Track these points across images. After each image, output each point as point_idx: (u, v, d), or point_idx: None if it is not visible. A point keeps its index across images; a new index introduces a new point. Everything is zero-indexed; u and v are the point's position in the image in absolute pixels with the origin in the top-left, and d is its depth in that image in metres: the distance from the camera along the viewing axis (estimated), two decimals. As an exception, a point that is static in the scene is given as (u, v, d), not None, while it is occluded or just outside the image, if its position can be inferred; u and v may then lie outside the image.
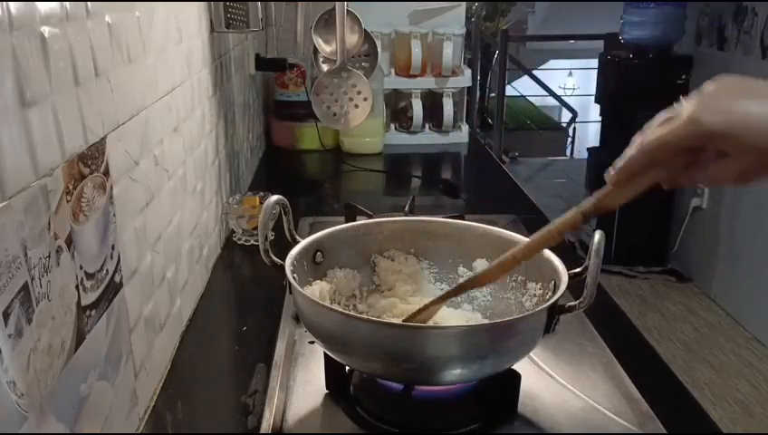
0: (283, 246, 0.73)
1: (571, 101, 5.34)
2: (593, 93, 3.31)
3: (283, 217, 0.74)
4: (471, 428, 0.68)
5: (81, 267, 0.53)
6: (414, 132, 1.92)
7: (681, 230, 3.05)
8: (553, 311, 0.64)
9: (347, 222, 1.00)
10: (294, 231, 0.76)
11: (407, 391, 0.67)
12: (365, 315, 0.76)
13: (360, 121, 1.19)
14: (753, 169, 0.50)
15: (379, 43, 1.66)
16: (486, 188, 1.57)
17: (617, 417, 0.69)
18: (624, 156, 0.55)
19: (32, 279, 0.45)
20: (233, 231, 1.17)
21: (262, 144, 1.78)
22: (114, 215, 0.61)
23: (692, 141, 0.51)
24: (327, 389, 0.73)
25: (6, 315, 0.41)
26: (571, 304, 0.64)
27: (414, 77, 1.88)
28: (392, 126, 1.95)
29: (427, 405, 0.70)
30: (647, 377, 0.76)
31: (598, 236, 0.62)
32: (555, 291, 0.66)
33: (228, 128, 1.23)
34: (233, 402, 0.75)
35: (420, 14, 1.89)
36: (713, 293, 2.88)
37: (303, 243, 0.76)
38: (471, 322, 0.75)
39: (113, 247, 0.61)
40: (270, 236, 0.73)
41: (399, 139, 1.91)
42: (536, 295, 0.73)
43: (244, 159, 1.43)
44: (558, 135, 5.17)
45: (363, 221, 0.88)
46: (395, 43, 1.89)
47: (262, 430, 0.68)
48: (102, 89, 0.58)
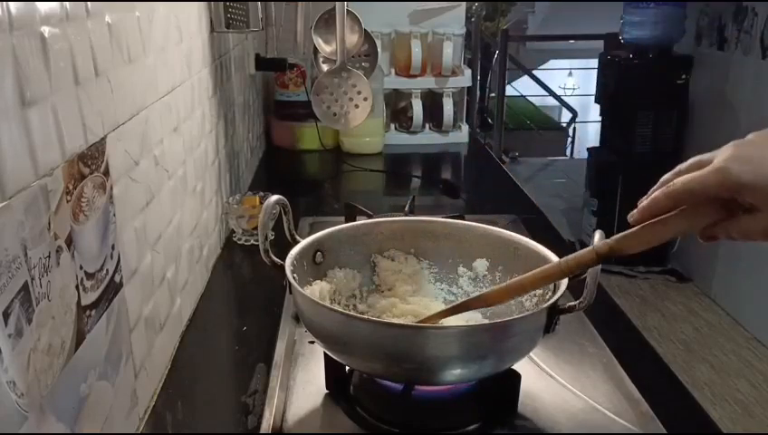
0: (283, 246, 0.73)
1: (571, 101, 5.34)
2: (593, 93, 3.31)
3: (283, 216, 0.74)
4: (471, 428, 0.68)
5: (81, 267, 0.53)
6: (414, 132, 1.92)
7: (681, 230, 3.04)
8: (553, 311, 0.64)
9: (347, 222, 1.00)
10: (294, 231, 0.76)
11: (407, 391, 0.67)
12: (365, 315, 0.76)
13: (360, 121, 1.19)
14: None
15: (379, 43, 1.66)
16: (486, 188, 1.57)
17: (617, 417, 0.69)
18: (649, 195, 0.53)
19: (32, 279, 0.45)
20: (233, 231, 1.17)
21: (262, 144, 1.78)
22: (114, 215, 0.61)
23: (718, 191, 0.48)
24: (327, 389, 0.73)
25: (6, 315, 0.41)
26: (572, 304, 0.64)
27: (414, 77, 1.88)
28: (392, 126, 1.95)
29: (427, 405, 0.70)
30: (647, 377, 0.76)
31: (598, 235, 0.62)
32: (555, 291, 0.66)
33: (228, 128, 1.23)
34: (233, 402, 0.75)
35: (420, 13, 1.89)
36: (713, 293, 2.88)
37: (303, 243, 0.76)
38: (471, 322, 0.75)
39: (113, 247, 0.61)
40: (270, 236, 0.73)
41: (399, 139, 1.91)
42: (536, 295, 0.73)
43: (244, 159, 1.43)
44: (558, 135, 5.17)
45: (363, 221, 0.88)
46: (395, 42, 1.89)
47: (262, 430, 0.68)
48: (102, 89, 0.58)
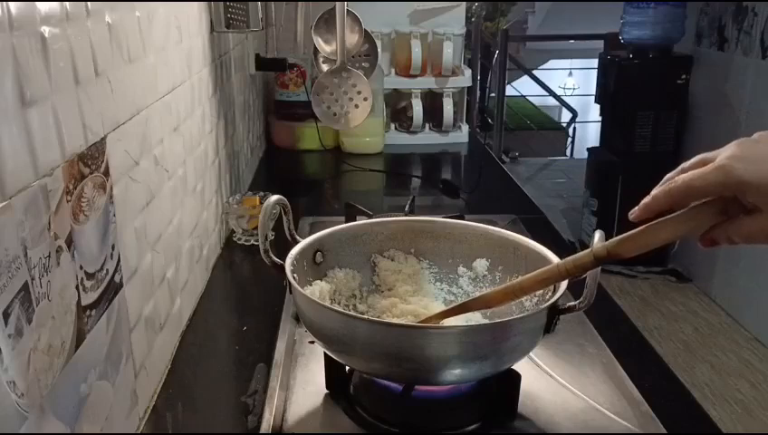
0: (283, 247, 0.73)
1: (571, 101, 5.34)
2: (593, 93, 3.31)
3: (284, 216, 0.74)
4: (471, 428, 0.68)
5: (82, 267, 0.53)
6: (414, 132, 1.92)
7: (681, 230, 3.04)
8: (553, 311, 0.64)
9: (347, 222, 1.00)
10: (294, 231, 0.76)
11: (407, 391, 0.67)
12: (365, 315, 0.76)
13: (360, 121, 1.19)
14: None
15: (379, 43, 1.67)
16: (486, 188, 1.56)
17: (617, 417, 0.69)
18: (651, 193, 0.52)
19: (32, 279, 0.45)
20: (233, 231, 1.17)
21: (262, 144, 1.78)
22: (114, 215, 0.61)
23: (719, 190, 0.47)
24: (327, 389, 0.73)
25: (6, 315, 0.41)
26: (571, 304, 0.64)
27: (414, 77, 1.88)
28: (392, 126, 1.95)
29: (427, 405, 0.70)
30: (647, 377, 0.76)
31: (597, 235, 0.62)
32: (555, 291, 0.66)
33: (228, 128, 1.23)
34: (233, 402, 0.74)
35: (420, 13, 1.89)
36: (713, 293, 2.88)
37: (303, 243, 0.76)
38: (471, 322, 0.75)
39: (113, 247, 0.61)
40: (270, 236, 0.73)
41: (399, 139, 1.91)
42: (536, 295, 0.73)
43: (245, 159, 1.43)
44: (558, 135, 5.17)
45: (363, 221, 0.88)
46: (395, 42, 1.89)
47: (262, 430, 0.68)
48: (102, 89, 0.58)
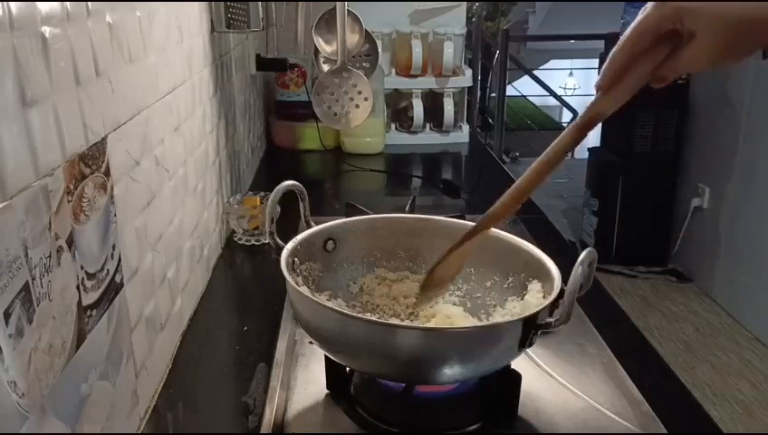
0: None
1: (571, 101, 5.33)
2: (594, 93, 3.30)
3: (300, 202, 0.77)
4: (471, 428, 0.68)
5: (82, 267, 0.53)
6: (414, 132, 1.92)
7: (682, 230, 3.04)
8: (529, 325, 0.61)
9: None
10: (310, 217, 0.79)
11: (407, 391, 0.67)
12: (365, 315, 0.76)
13: (361, 121, 1.19)
14: (725, 45, 0.52)
15: (379, 43, 1.67)
16: (487, 188, 1.56)
17: (617, 417, 0.69)
18: (606, 60, 0.56)
19: (32, 279, 0.45)
20: (233, 231, 1.17)
21: (262, 144, 1.78)
22: (115, 215, 0.61)
23: (664, 24, 0.52)
24: (327, 389, 0.73)
25: (7, 315, 0.41)
26: (548, 320, 0.62)
27: (414, 77, 1.88)
28: (393, 126, 1.95)
29: (427, 405, 0.70)
30: (647, 377, 0.76)
31: (584, 254, 0.60)
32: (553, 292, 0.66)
33: (229, 128, 1.23)
34: (233, 402, 0.75)
35: (421, 13, 1.89)
36: (714, 293, 2.88)
37: (305, 233, 0.77)
38: (452, 318, 0.76)
39: (114, 247, 0.61)
40: (276, 216, 0.74)
41: (400, 139, 1.91)
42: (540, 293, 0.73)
43: (245, 159, 1.43)
44: (558, 135, 5.16)
45: (363, 217, 0.87)
46: (396, 42, 1.89)
47: (262, 430, 0.68)
48: (103, 89, 0.58)
